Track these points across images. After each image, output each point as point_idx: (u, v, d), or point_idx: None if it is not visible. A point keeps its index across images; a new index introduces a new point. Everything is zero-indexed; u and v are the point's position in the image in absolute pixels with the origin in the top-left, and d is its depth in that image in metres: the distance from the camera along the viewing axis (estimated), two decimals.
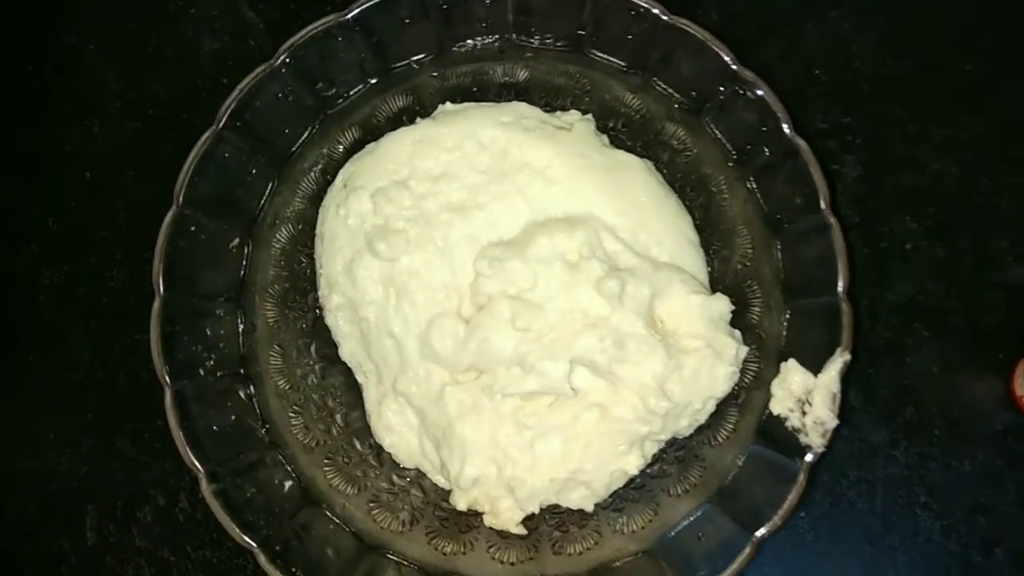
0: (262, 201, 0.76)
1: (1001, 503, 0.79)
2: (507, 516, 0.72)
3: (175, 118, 0.87)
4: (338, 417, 0.76)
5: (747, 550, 0.65)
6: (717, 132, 0.75)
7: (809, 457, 0.66)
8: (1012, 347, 0.82)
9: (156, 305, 0.68)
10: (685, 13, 0.73)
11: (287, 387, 0.75)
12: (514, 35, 0.76)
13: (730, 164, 0.75)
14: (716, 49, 0.70)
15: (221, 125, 0.70)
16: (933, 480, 0.79)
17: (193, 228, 0.70)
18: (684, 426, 0.73)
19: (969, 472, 0.79)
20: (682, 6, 0.83)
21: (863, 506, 0.80)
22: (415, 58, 0.77)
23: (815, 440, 0.67)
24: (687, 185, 0.78)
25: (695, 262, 0.76)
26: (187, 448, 0.66)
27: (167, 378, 0.67)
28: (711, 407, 0.73)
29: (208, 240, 0.72)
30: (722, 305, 0.73)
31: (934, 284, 0.83)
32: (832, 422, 0.67)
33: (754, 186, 0.74)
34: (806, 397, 0.68)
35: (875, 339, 0.82)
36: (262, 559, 0.65)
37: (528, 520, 0.73)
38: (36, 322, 0.85)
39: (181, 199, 0.69)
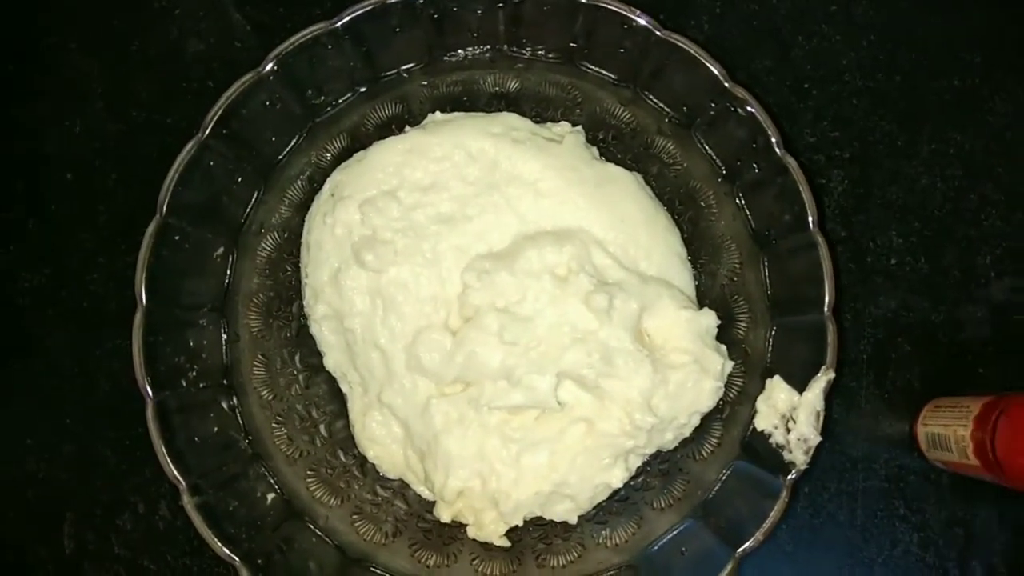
0: (247, 209, 0.75)
1: (979, 516, 0.80)
2: (491, 528, 0.72)
3: (159, 120, 0.85)
4: (322, 427, 0.76)
5: (729, 566, 0.65)
6: (707, 147, 0.75)
7: (792, 474, 0.67)
8: (994, 362, 0.83)
9: (138, 316, 0.67)
10: (677, 26, 0.73)
11: (270, 397, 0.75)
12: (505, 46, 0.75)
13: (719, 179, 0.75)
14: (708, 64, 0.70)
15: (207, 133, 0.69)
16: (912, 493, 0.80)
17: (177, 237, 0.69)
18: (669, 440, 0.73)
19: (947, 485, 0.80)
20: (673, 18, 0.84)
21: (843, 518, 0.81)
22: (405, 67, 0.76)
23: (798, 457, 0.67)
24: (676, 199, 0.78)
25: (683, 276, 0.76)
26: (168, 461, 0.65)
27: (149, 390, 0.66)
28: (696, 421, 0.74)
29: (192, 249, 0.71)
30: (709, 320, 0.73)
31: (918, 299, 0.83)
32: (815, 439, 0.67)
33: (743, 202, 0.74)
34: (790, 414, 0.69)
35: (858, 353, 0.83)
36: (244, 573, 0.65)
37: (512, 532, 0.73)
38: (15, 326, 0.84)
39: (165, 208, 0.68)
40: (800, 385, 0.69)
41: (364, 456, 0.75)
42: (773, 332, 0.73)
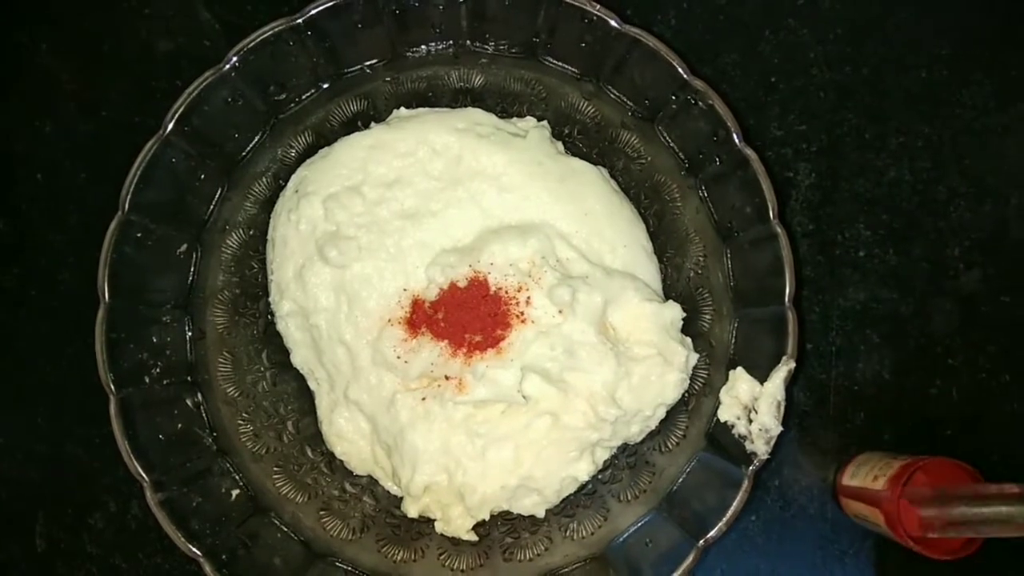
0: (212, 206, 0.75)
1: None
2: (458, 523, 0.72)
3: (129, 119, 0.85)
4: (289, 424, 0.76)
5: (691, 556, 0.65)
6: (670, 140, 0.75)
7: (754, 464, 0.67)
8: (963, 353, 0.83)
9: (101, 312, 0.67)
10: (644, 21, 0.73)
11: (236, 394, 0.75)
12: (468, 41, 0.76)
13: (683, 172, 0.76)
14: (668, 58, 0.70)
15: (168, 130, 0.69)
16: None
17: (139, 234, 0.69)
18: (635, 432, 0.74)
19: None
20: (641, 13, 0.84)
21: (814, 510, 0.81)
22: (369, 63, 0.76)
23: (760, 447, 0.67)
24: (641, 193, 0.78)
25: (649, 269, 0.76)
26: (132, 457, 0.66)
27: (112, 386, 0.66)
28: (661, 414, 0.74)
29: (155, 246, 0.71)
30: (674, 312, 0.73)
31: (887, 291, 0.84)
32: (776, 429, 0.67)
33: (706, 195, 0.74)
34: (752, 404, 0.69)
35: (827, 345, 0.83)
36: (208, 568, 0.65)
37: (479, 527, 0.73)
38: None
39: (127, 205, 0.68)
40: (764, 375, 0.70)
41: (332, 453, 0.75)
42: (736, 324, 0.73)
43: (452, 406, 0.71)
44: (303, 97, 0.76)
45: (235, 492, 0.71)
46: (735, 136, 0.69)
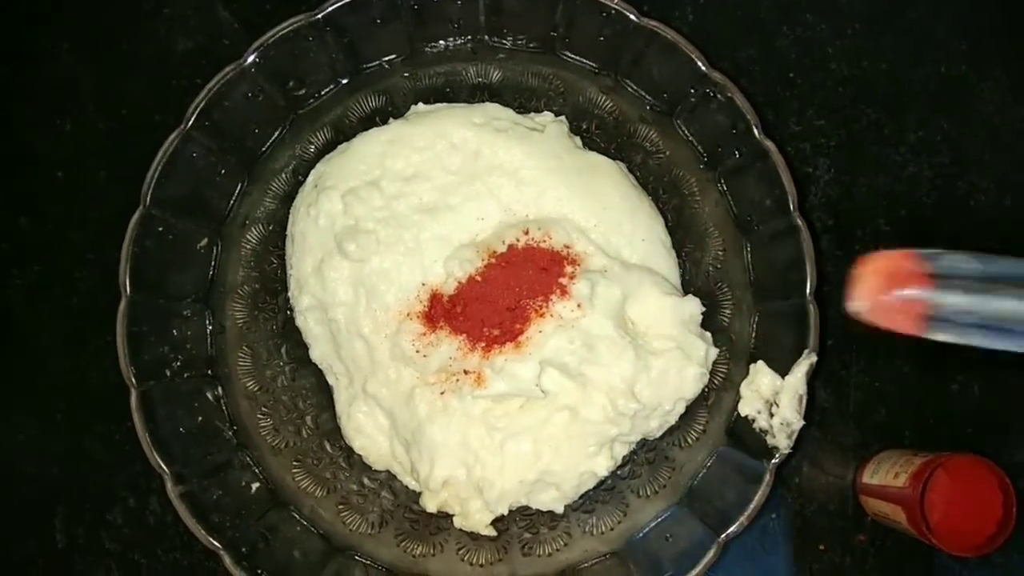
0: (232, 201, 0.75)
1: None
2: (477, 518, 0.72)
3: (148, 118, 0.86)
4: (308, 419, 0.76)
5: (712, 551, 0.65)
6: (688, 134, 0.75)
7: (776, 458, 0.67)
8: (984, 349, 0.82)
9: (122, 306, 0.67)
10: (661, 16, 0.73)
11: (256, 389, 0.75)
12: (486, 36, 0.76)
13: (702, 166, 0.76)
14: (686, 51, 0.70)
15: (189, 125, 0.69)
16: None
17: (160, 228, 0.70)
18: (654, 427, 0.73)
19: None
20: (658, 8, 0.84)
21: (834, 507, 0.81)
22: (387, 58, 0.77)
23: (781, 441, 0.67)
24: (660, 187, 0.78)
25: (667, 264, 0.76)
26: (153, 449, 0.66)
27: (133, 379, 0.67)
28: (681, 408, 0.73)
29: (176, 240, 0.71)
30: (693, 307, 0.73)
31: None
32: (798, 423, 0.67)
33: (725, 188, 0.74)
34: (774, 399, 0.68)
35: (847, 341, 0.82)
36: (228, 561, 0.65)
37: (498, 521, 0.73)
38: (6, 323, 0.84)
39: (148, 200, 0.68)
40: (785, 370, 0.69)
41: (350, 447, 0.75)
42: (757, 318, 0.73)
43: (471, 400, 0.71)
44: (322, 93, 0.76)
45: (255, 486, 0.71)
46: (755, 128, 0.69)
